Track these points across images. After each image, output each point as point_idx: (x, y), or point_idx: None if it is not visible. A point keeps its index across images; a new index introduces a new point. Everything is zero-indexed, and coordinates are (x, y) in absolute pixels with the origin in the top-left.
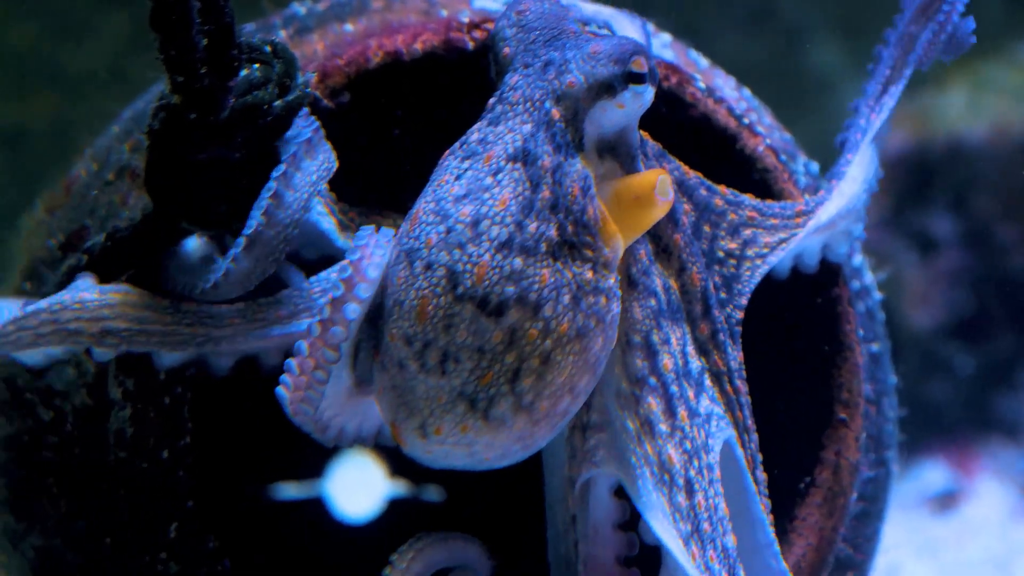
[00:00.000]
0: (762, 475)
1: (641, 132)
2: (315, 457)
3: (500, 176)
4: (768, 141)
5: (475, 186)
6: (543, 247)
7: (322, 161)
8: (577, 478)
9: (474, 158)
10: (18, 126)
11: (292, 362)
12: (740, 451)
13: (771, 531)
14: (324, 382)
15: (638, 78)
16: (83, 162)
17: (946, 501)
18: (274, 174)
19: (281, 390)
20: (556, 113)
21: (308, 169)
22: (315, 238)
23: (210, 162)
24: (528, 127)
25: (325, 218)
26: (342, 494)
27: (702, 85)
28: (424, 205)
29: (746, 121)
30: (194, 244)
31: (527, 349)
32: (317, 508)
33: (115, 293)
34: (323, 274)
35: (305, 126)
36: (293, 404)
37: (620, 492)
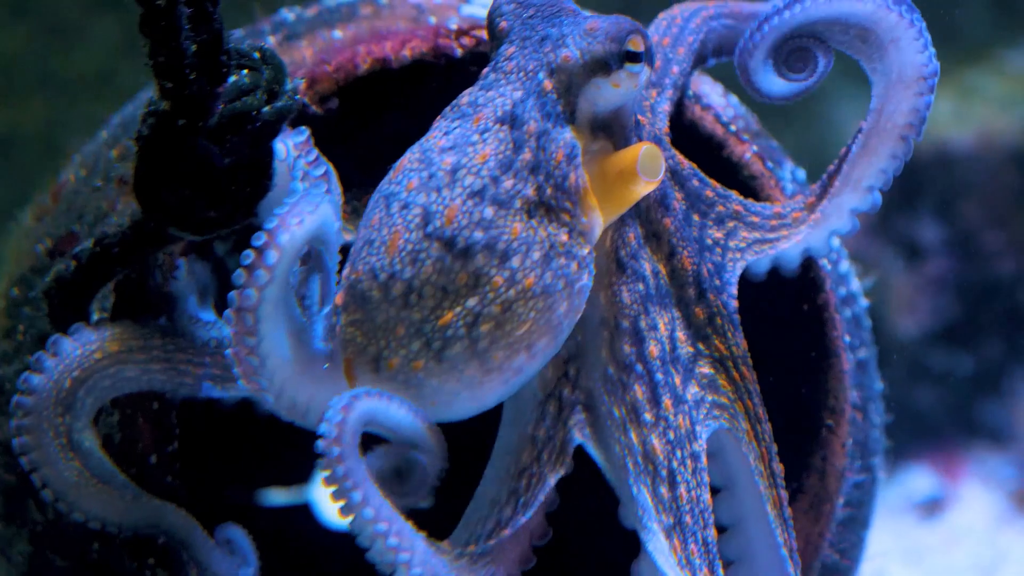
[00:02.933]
0: (779, 466)
1: (639, 117)
2: (302, 463)
3: (486, 135)
4: (755, 148)
5: (461, 141)
6: (517, 203)
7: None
8: (542, 439)
9: (464, 119)
10: (8, 131)
11: (227, 327)
12: (752, 444)
13: (787, 535)
14: (254, 332)
15: (634, 57)
16: (72, 168)
17: (932, 507)
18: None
19: (230, 356)
20: (548, 84)
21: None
22: None
23: (198, 168)
24: (519, 94)
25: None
26: (328, 500)
27: (690, 92)
28: (410, 155)
29: (733, 128)
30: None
31: (490, 295)
32: (303, 513)
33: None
34: None
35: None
36: (240, 367)
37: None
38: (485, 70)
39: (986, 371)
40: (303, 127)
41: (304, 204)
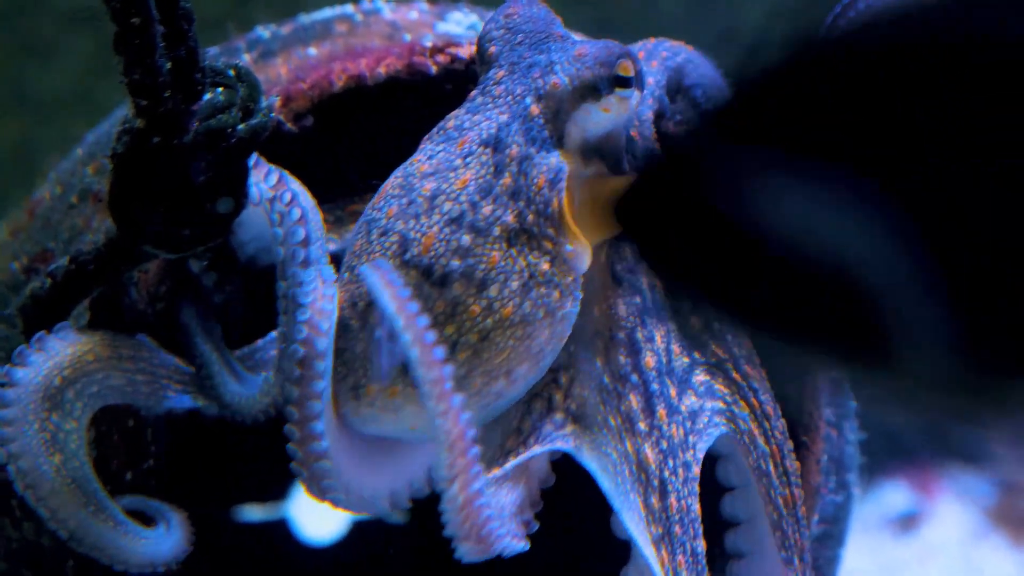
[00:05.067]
0: (793, 464)
1: (631, 132)
2: (279, 479)
3: (469, 159)
4: None
5: (444, 166)
6: (496, 230)
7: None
8: (527, 430)
9: (449, 142)
10: None
11: (289, 447)
12: (760, 442)
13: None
14: (320, 436)
15: (624, 82)
16: (47, 185)
17: (907, 523)
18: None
19: (295, 470)
20: (535, 109)
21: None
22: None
23: (173, 186)
24: (505, 117)
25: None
26: (305, 516)
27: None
28: (393, 180)
29: None
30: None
31: (467, 324)
32: (280, 530)
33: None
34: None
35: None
36: (310, 478)
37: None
38: (473, 92)
39: None
40: (275, 168)
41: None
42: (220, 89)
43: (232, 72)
